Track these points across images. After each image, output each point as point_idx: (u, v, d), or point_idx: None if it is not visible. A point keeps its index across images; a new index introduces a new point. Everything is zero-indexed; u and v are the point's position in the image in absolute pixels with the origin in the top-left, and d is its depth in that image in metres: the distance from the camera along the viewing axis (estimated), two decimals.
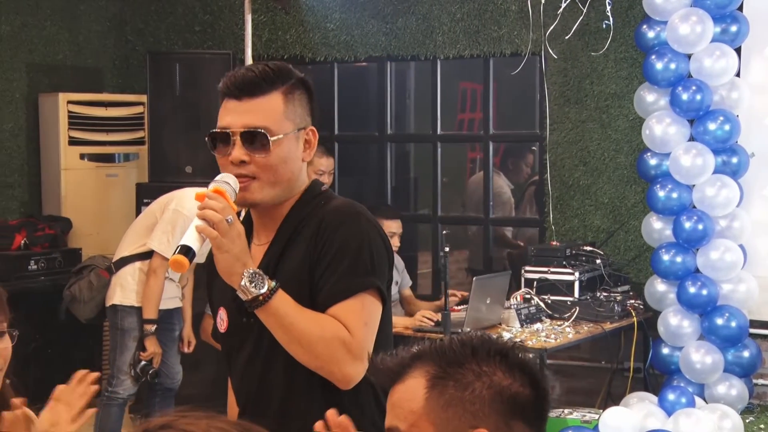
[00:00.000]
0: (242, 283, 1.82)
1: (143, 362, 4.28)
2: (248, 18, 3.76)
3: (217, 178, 1.88)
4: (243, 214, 2.05)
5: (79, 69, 6.14)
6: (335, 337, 1.84)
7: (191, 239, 1.80)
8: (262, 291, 1.82)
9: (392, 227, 4.73)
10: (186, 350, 4.54)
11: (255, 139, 1.87)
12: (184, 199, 4.27)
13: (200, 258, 1.94)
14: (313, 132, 1.96)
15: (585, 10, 4.95)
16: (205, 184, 5.47)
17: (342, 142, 6.15)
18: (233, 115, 1.89)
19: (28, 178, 5.80)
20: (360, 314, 1.87)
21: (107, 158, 5.84)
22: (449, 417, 1.29)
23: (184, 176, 5.09)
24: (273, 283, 1.84)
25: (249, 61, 3.71)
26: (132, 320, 4.30)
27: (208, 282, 2.08)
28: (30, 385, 1.52)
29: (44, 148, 5.76)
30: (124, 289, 4.30)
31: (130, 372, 4.28)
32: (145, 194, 5.23)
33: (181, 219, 4.19)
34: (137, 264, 4.30)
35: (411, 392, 1.32)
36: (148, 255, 4.26)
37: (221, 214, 1.80)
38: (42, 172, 5.80)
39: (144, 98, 5.57)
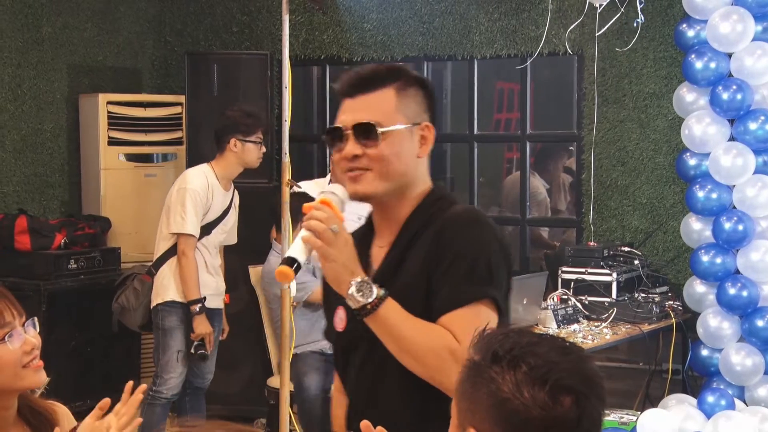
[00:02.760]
0: (349, 291, 1.83)
1: (195, 343, 4.28)
2: (285, 18, 3.77)
3: (327, 188, 1.94)
4: (364, 218, 2.07)
5: (118, 70, 6.22)
6: (444, 347, 1.82)
7: (297, 250, 1.82)
8: (370, 300, 1.83)
9: None
10: (221, 337, 4.53)
11: (365, 132, 1.90)
12: (187, 176, 4.34)
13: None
14: (429, 128, 1.97)
15: (622, 9, 4.91)
16: (242, 184, 5.53)
17: None
18: (347, 113, 1.94)
19: (69, 178, 5.88)
20: (472, 323, 1.78)
21: (146, 158, 5.90)
22: (461, 408, 1.32)
23: None
24: (381, 292, 1.84)
25: (286, 62, 3.72)
26: (172, 318, 4.33)
27: (326, 279, 2.05)
28: (70, 384, 1.53)
29: (84, 148, 5.84)
30: (164, 287, 4.34)
31: (177, 357, 4.27)
32: None
33: (188, 194, 4.24)
34: (172, 259, 4.34)
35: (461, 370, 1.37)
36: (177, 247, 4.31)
37: (326, 224, 1.83)
38: (82, 171, 5.88)
39: (182, 99, 5.62)
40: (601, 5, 4.85)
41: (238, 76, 5.41)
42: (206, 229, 4.37)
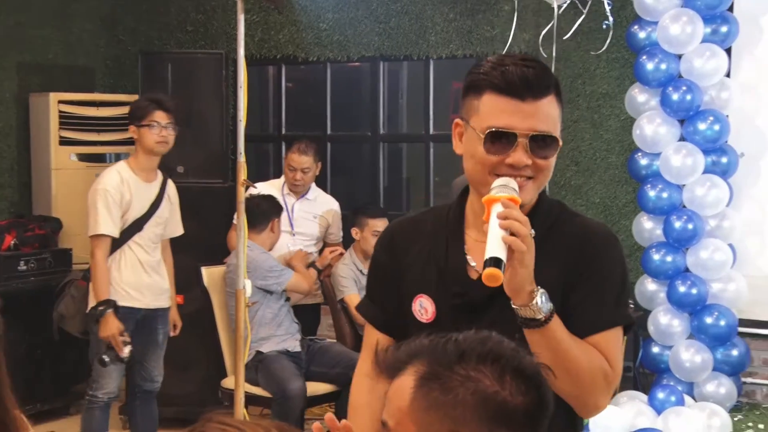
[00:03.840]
0: (535, 300, 1.72)
1: (106, 346, 4.11)
2: (241, 18, 3.76)
3: (501, 182, 1.78)
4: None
5: (70, 68, 6.14)
6: (600, 368, 1.79)
7: (498, 249, 1.69)
8: (546, 312, 1.74)
9: (378, 226, 4.76)
10: (172, 333, 4.47)
11: (543, 143, 1.79)
12: (99, 177, 4.25)
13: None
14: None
15: (585, 11, 4.96)
16: (196, 184, 5.48)
17: (334, 142, 6.16)
18: (518, 117, 1.77)
19: (18, 178, 5.79)
20: (618, 346, 1.84)
21: (98, 158, 5.82)
22: (431, 420, 1.28)
23: (176, 176, 5.08)
24: (551, 305, 1.75)
25: (242, 61, 3.70)
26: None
27: (387, 260, 1.97)
28: (20, 387, 1.50)
29: (35, 147, 5.76)
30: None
31: (96, 362, 4.17)
32: None
33: (98, 195, 4.16)
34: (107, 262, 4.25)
35: (401, 390, 1.32)
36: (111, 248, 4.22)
37: (526, 227, 1.71)
38: (32, 172, 5.80)
39: (135, 98, 5.55)
40: (561, 6, 4.90)
41: (192, 75, 5.37)
42: (137, 226, 4.25)
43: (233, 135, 4.18)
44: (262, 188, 4.89)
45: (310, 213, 5.07)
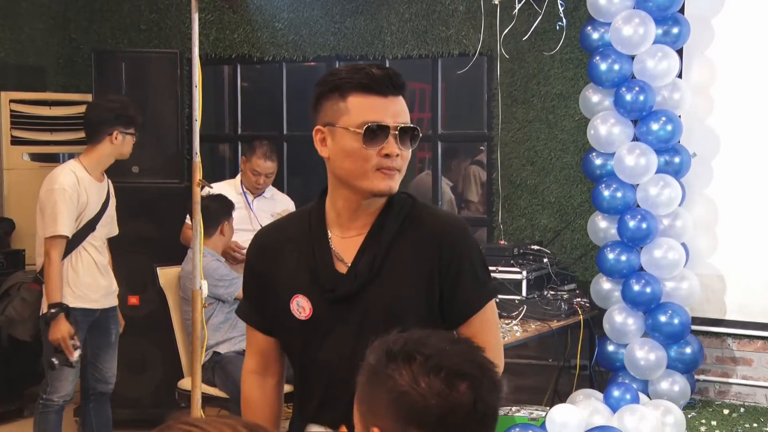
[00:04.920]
0: None
1: (54, 349, 4.04)
2: (195, 17, 3.72)
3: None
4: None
5: (21, 67, 6.04)
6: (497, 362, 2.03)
7: None
8: None
9: None
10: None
11: (409, 135, 1.98)
12: (53, 176, 4.13)
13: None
14: None
15: (541, 12, 4.99)
16: (151, 185, 5.42)
17: (290, 142, 6.13)
18: (386, 112, 1.97)
19: None
20: (495, 322, 2.10)
21: (51, 158, 5.74)
22: (362, 413, 1.35)
23: (131, 176, 5.03)
24: None
25: (196, 60, 3.67)
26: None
27: (258, 269, 2.09)
28: None
29: None
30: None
31: (46, 365, 4.09)
32: None
33: (57, 195, 4.05)
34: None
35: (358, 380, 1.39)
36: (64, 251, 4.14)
37: None
38: None
39: (89, 97, 5.49)
40: (499, 1, 4.94)
41: (147, 74, 5.31)
42: (90, 226, 4.19)
43: (188, 135, 4.13)
44: (219, 188, 4.86)
45: (267, 212, 5.05)
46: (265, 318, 2.10)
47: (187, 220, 4.80)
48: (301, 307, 2.02)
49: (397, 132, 1.96)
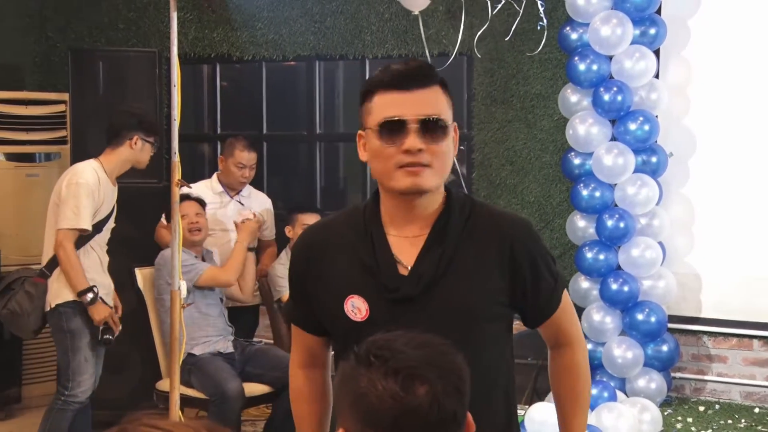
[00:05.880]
0: None
1: (101, 328, 4.12)
2: (173, 16, 3.71)
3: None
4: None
5: None
6: (587, 374, 2.08)
7: None
8: None
9: (308, 221, 4.75)
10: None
11: (432, 127, 1.86)
12: (77, 171, 4.16)
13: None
14: (456, 128, 1.96)
15: (521, 12, 5.01)
16: (130, 184, 5.40)
17: (271, 142, 6.12)
18: (405, 106, 1.86)
19: None
20: (572, 311, 2.06)
21: (28, 158, 5.69)
22: (337, 410, 1.36)
23: None
24: None
25: (175, 60, 3.66)
26: (76, 319, 4.16)
27: (306, 268, 2.00)
28: None
29: None
30: (64, 288, 4.16)
31: (102, 343, 4.14)
32: None
33: (82, 188, 4.08)
34: None
35: None
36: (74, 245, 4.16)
37: None
38: None
39: (66, 96, 5.46)
40: (416, 14, 4.99)
41: (125, 74, 5.28)
42: (98, 227, 4.22)
43: (167, 135, 4.12)
44: (197, 188, 4.85)
45: (246, 211, 5.04)
46: (315, 319, 2.02)
47: (162, 219, 4.78)
48: (356, 308, 1.92)
49: (417, 125, 1.85)
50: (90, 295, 4.10)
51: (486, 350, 1.91)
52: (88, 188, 4.10)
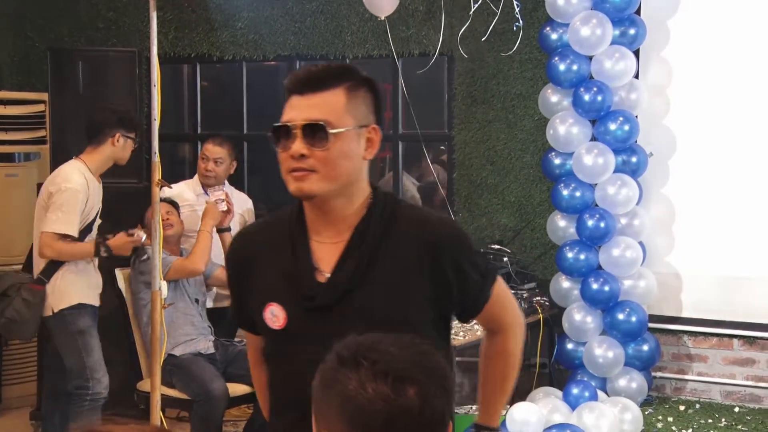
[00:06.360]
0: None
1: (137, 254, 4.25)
2: (153, 15, 3.69)
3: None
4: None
5: None
6: (517, 351, 2.13)
7: None
8: None
9: None
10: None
11: (315, 132, 1.85)
12: (65, 175, 4.14)
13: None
14: (376, 131, 1.94)
15: (498, 12, 5.02)
16: (111, 184, 5.37)
17: (251, 142, 6.11)
18: (296, 110, 1.88)
19: None
20: (507, 296, 2.10)
21: (7, 158, 5.65)
22: (316, 416, 1.35)
23: None
24: None
25: (155, 59, 3.64)
26: (85, 319, 4.17)
27: (237, 272, 2.02)
28: None
29: None
30: (66, 292, 4.15)
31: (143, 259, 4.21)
32: None
33: (71, 194, 4.07)
34: (65, 264, 4.17)
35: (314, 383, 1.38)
36: None
37: None
38: None
39: (45, 96, 5.42)
40: (382, 18, 5.00)
41: (105, 73, 5.25)
42: (89, 227, 4.23)
43: (147, 134, 4.10)
44: (177, 188, 4.82)
45: (218, 192, 5.00)
46: (249, 319, 2.02)
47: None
48: (275, 315, 1.92)
49: (300, 130, 1.85)
50: (103, 250, 4.13)
51: None
52: (76, 195, 4.09)
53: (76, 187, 4.10)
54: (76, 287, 4.18)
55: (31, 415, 4.99)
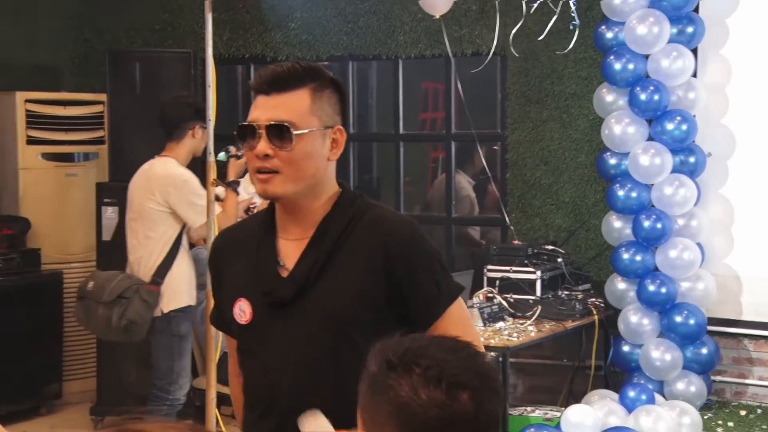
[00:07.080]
0: None
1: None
2: (208, 17, 3.73)
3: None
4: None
5: (36, 67, 6.07)
6: None
7: None
8: None
9: None
10: None
11: (279, 132, 1.88)
12: (173, 169, 4.19)
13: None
14: (341, 132, 1.97)
15: (558, 11, 4.98)
16: None
17: None
18: (261, 110, 1.91)
19: None
20: (463, 317, 2.00)
21: (66, 158, 5.77)
22: (363, 420, 1.33)
23: None
24: None
25: (210, 60, 3.68)
26: (186, 324, 4.23)
27: (215, 272, 2.08)
28: None
29: (1, 147, 5.68)
30: (177, 293, 4.20)
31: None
32: (105, 194, 5.19)
33: (192, 185, 4.12)
34: (174, 265, 4.21)
35: (360, 389, 1.37)
36: (176, 250, 4.20)
37: None
38: None
39: (103, 97, 5.52)
40: (437, 17, 4.97)
41: (160, 74, 5.33)
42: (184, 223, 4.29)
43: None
44: (244, 184, 4.85)
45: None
46: (225, 318, 2.04)
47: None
48: (242, 311, 1.97)
49: (264, 130, 1.88)
50: (236, 186, 4.25)
51: (361, 355, 1.69)
52: (196, 182, 4.13)
53: (191, 177, 4.15)
54: (183, 287, 4.21)
55: (91, 411, 5.07)
